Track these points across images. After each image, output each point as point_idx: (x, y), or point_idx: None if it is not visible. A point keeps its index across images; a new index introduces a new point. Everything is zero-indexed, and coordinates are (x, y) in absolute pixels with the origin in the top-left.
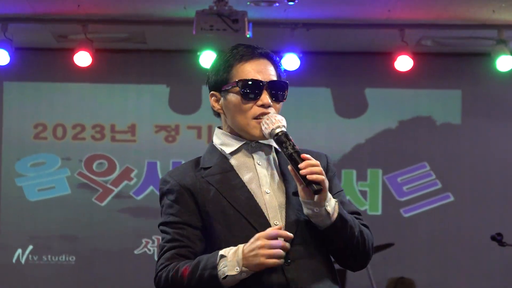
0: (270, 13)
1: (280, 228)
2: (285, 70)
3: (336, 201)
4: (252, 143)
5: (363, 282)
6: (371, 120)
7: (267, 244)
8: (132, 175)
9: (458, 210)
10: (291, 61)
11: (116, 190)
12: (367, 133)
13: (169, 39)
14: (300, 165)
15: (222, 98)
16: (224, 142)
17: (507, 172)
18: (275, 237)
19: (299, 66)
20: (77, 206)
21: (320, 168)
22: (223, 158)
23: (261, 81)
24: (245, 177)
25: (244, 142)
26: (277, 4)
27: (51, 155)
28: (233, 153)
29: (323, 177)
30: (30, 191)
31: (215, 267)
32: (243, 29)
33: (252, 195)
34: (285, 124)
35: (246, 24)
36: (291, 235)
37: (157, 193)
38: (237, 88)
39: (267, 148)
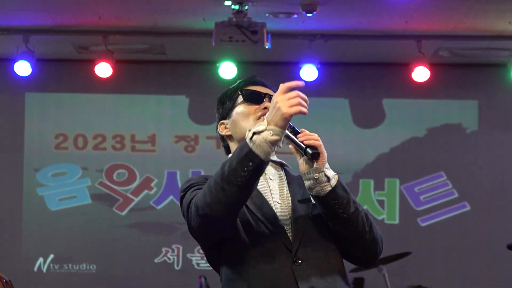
0: (289, 24)
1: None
2: (304, 81)
3: (336, 173)
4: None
5: None
6: (389, 130)
7: (284, 97)
8: (152, 184)
9: (475, 219)
10: (309, 72)
11: (136, 199)
12: (385, 144)
13: (189, 50)
14: (298, 136)
15: (229, 121)
16: None
17: None
18: (288, 91)
19: (317, 77)
20: (98, 216)
21: (316, 136)
22: None
23: (261, 92)
24: (259, 188)
25: None
26: (296, 16)
27: (72, 165)
28: None
29: (319, 142)
30: (51, 201)
31: (244, 140)
32: (262, 40)
33: (267, 201)
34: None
35: (265, 35)
36: (301, 82)
37: (177, 202)
38: (241, 98)
39: (277, 166)
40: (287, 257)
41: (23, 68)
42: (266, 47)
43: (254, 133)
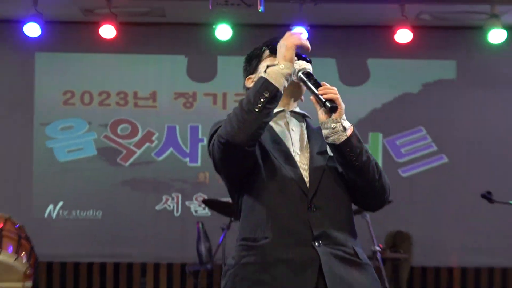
0: None
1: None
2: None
3: (351, 125)
4: (287, 112)
5: (364, 236)
6: (373, 88)
7: (287, 35)
8: (153, 138)
9: (451, 170)
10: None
11: (138, 152)
12: (369, 101)
13: (187, 13)
14: (319, 89)
15: (255, 74)
16: None
17: (496, 136)
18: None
19: (307, 38)
20: (103, 166)
21: (335, 90)
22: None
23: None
24: (282, 138)
25: (281, 110)
26: None
27: (78, 119)
28: (273, 119)
29: (337, 96)
30: (59, 153)
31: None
32: (255, 4)
33: (289, 151)
34: (311, 68)
35: (260, 1)
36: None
37: (177, 154)
38: (267, 53)
39: (300, 117)
40: (302, 202)
41: (32, 29)
42: (260, 10)
43: (267, 67)
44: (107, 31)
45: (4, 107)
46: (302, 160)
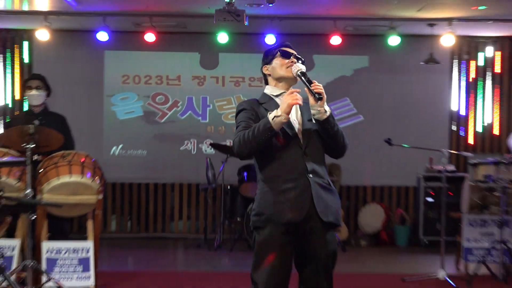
0: (258, 11)
1: (292, 92)
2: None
3: (330, 108)
4: (287, 83)
5: None
6: (316, 75)
7: (289, 96)
8: (178, 104)
9: (366, 125)
10: (271, 39)
11: (169, 113)
12: (317, 81)
13: (200, 26)
14: (311, 84)
15: (270, 66)
16: (272, 91)
17: (394, 102)
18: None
19: (275, 42)
20: (147, 122)
21: (321, 86)
22: (271, 99)
23: (290, 52)
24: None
25: (283, 91)
26: (262, 5)
27: (131, 93)
28: (277, 96)
29: (322, 90)
30: (119, 114)
31: (267, 118)
32: (243, 20)
33: (290, 119)
34: (305, 68)
35: (245, 17)
36: (297, 90)
37: (193, 115)
38: (279, 54)
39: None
40: (299, 151)
41: (102, 36)
42: (246, 24)
43: (275, 116)
44: (149, 37)
45: (84, 85)
46: (296, 125)
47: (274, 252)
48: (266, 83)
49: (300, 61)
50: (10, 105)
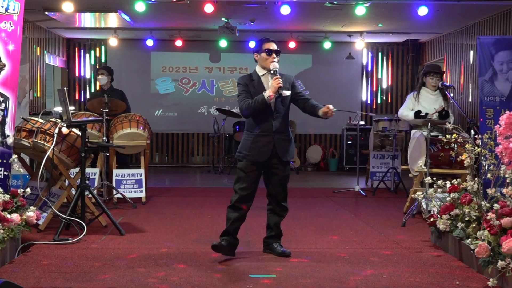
0: (245, 26)
1: (279, 83)
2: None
3: (289, 92)
4: (268, 73)
5: None
6: (281, 65)
7: (275, 81)
8: (196, 85)
9: (310, 97)
10: (252, 44)
11: (190, 90)
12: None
13: (209, 36)
14: (274, 78)
15: (258, 55)
16: (259, 71)
17: (327, 83)
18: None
19: (258, 41)
20: (178, 95)
21: (280, 81)
22: (259, 76)
23: (272, 49)
24: (266, 84)
25: (266, 72)
26: (247, 24)
27: (167, 78)
28: (262, 76)
29: (280, 85)
30: (160, 90)
31: (263, 95)
32: (235, 33)
33: (266, 89)
34: (277, 66)
35: (236, 30)
36: (279, 77)
37: (206, 92)
38: (265, 51)
39: (272, 75)
40: (270, 114)
41: (149, 42)
42: (237, 34)
43: (266, 95)
44: (178, 43)
45: (138, 73)
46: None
47: (245, 173)
48: (256, 62)
49: (277, 54)
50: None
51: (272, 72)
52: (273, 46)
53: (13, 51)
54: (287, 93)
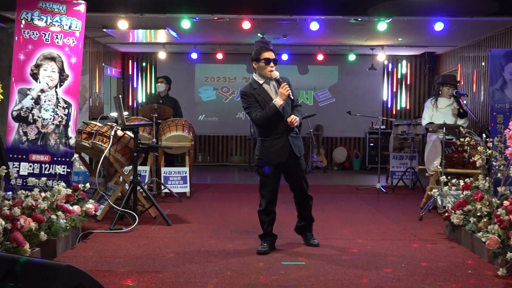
0: (278, 41)
1: (288, 90)
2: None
3: (294, 97)
4: (268, 80)
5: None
6: (313, 77)
7: (283, 89)
8: (236, 92)
9: (336, 104)
10: (285, 57)
11: (230, 97)
12: (315, 82)
13: (246, 49)
14: (281, 86)
15: (257, 64)
16: (258, 79)
17: (352, 91)
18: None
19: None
20: (218, 102)
21: (287, 87)
22: (260, 85)
23: (271, 59)
24: (270, 91)
25: (265, 80)
26: (280, 38)
27: (210, 86)
28: (263, 83)
29: (289, 92)
30: (203, 98)
31: (274, 104)
32: (269, 46)
33: (272, 98)
34: (278, 74)
35: (270, 44)
36: (286, 84)
37: (238, 99)
38: (263, 60)
39: (275, 83)
40: (281, 119)
41: (194, 55)
42: (271, 48)
43: (278, 103)
44: (219, 56)
45: (184, 82)
46: (277, 102)
47: (269, 178)
48: (254, 71)
49: (275, 63)
50: (147, 92)
51: (275, 80)
52: (271, 55)
53: (75, 63)
54: (292, 97)
